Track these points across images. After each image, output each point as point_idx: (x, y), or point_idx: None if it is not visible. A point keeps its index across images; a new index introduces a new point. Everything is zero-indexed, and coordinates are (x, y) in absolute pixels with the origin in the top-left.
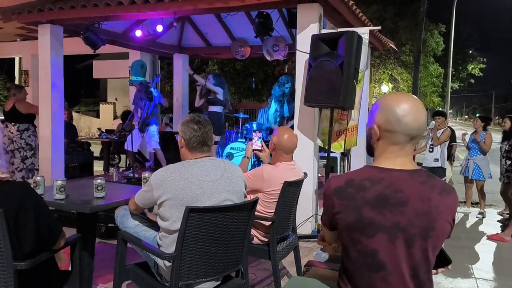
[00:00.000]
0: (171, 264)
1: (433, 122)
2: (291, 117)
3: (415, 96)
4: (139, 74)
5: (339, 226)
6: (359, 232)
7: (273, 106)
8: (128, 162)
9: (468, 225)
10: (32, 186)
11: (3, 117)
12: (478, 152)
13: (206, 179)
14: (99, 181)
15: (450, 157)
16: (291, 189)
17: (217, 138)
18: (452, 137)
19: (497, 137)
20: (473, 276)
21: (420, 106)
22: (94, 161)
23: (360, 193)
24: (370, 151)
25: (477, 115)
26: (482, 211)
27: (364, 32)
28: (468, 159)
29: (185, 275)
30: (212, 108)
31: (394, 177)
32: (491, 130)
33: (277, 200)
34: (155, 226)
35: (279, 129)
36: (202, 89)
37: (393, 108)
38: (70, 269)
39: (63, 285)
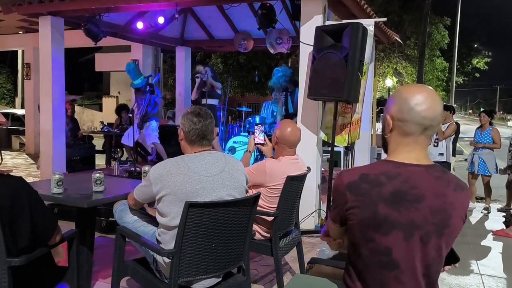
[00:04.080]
0: (170, 260)
1: None
2: (296, 113)
3: (431, 88)
4: (139, 75)
5: (350, 222)
6: (373, 229)
7: (283, 100)
8: (127, 156)
9: (473, 220)
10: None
11: None
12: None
13: (206, 173)
14: (97, 175)
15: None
16: (294, 184)
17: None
18: (457, 132)
19: (501, 131)
20: (478, 272)
21: (435, 96)
22: (97, 154)
23: (376, 188)
24: (385, 145)
25: (481, 109)
26: (488, 206)
27: (369, 24)
28: (473, 154)
29: (185, 272)
30: (209, 101)
31: (410, 172)
32: (495, 125)
33: (279, 195)
34: (154, 222)
35: (282, 122)
36: (200, 82)
37: (407, 97)
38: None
39: (59, 281)
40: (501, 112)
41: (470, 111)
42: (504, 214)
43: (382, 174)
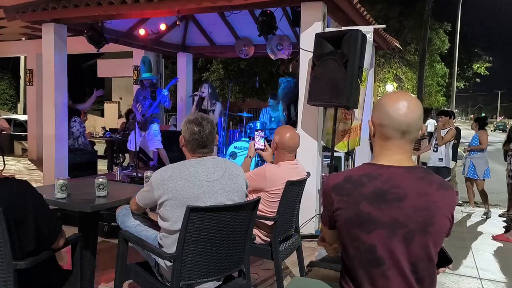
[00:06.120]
0: (172, 264)
1: (432, 121)
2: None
3: (411, 95)
4: (149, 71)
5: (338, 223)
6: (357, 227)
7: (281, 106)
8: (128, 161)
9: (472, 225)
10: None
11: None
12: (476, 150)
13: (207, 178)
14: (100, 180)
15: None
16: (294, 189)
17: None
18: (458, 137)
19: (501, 136)
20: (478, 277)
21: (413, 103)
22: (99, 160)
23: (358, 188)
24: (372, 149)
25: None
26: (487, 211)
27: (368, 30)
28: (466, 158)
29: (186, 275)
30: None
31: (391, 173)
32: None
33: (279, 199)
34: (156, 226)
35: (281, 128)
36: (199, 100)
37: (385, 104)
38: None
39: (63, 285)
40: (502, 117)
41: (472, 116)
42: (505, 219)
43: (364, 175)
